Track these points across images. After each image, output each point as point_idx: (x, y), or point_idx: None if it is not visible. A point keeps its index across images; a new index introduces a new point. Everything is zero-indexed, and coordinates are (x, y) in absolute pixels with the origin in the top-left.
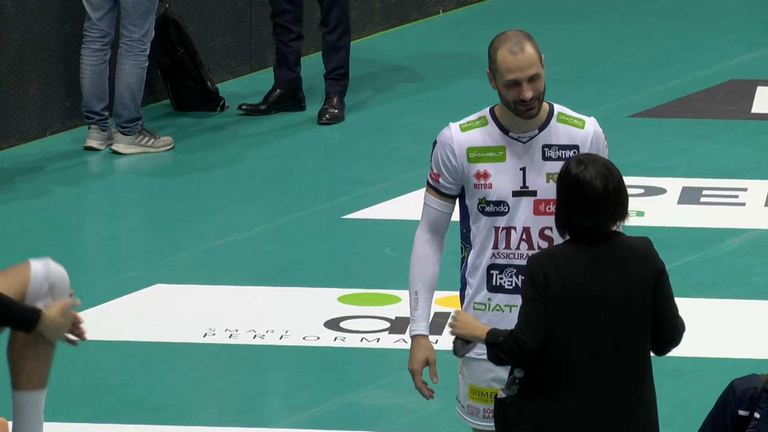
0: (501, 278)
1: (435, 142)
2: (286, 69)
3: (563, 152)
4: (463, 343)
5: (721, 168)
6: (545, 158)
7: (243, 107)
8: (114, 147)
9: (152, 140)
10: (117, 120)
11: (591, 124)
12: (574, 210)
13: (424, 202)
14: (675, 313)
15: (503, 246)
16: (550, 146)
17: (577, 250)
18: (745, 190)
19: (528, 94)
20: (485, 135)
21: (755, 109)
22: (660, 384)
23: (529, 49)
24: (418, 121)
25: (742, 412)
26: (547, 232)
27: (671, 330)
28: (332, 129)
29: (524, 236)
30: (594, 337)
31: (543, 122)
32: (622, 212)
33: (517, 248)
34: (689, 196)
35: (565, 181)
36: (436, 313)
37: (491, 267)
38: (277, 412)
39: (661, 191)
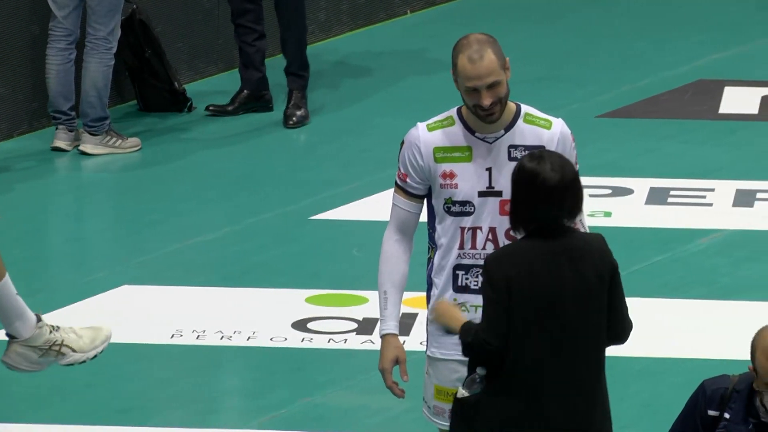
0: (467, 278)
1: (402, 143)
2: (251, 69)
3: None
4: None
5: (688, 168)
6: (511, 158)
7: (210, 108)
8: (81, 147)
9: (120, 141)
10: (84, 119)
11: (558, 124)
12: (533, 204)
13: (393, 203)
14: (626, 310)
15: (469, 246)
16: (516, 147)
17: (534, 247)
18: (712, 190)
19: (486, 101)
20: (452, 135)
21: (723, 109)
22: (626, 384)
23: (490, 56)
24: (387, 122)
25: (712, 413)
26: (512, 232)
27: (620, 326)
28: (300, 130)
29: (490, 236)
30: (554, 333)
31: (509, 123)
32: (578, 205)
33: (483, 248)
34: (657, 197)
35: (521, 176)
36: (403, 314)
37: (457, 267)
38: (244, 413)
39: (628, 192)
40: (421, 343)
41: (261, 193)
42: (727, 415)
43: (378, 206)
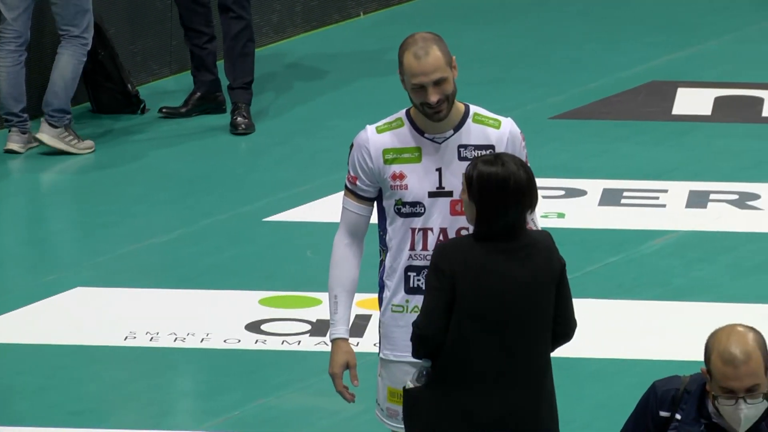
0: (418, 280)
1: (352, 146)
2: (204, 71)
3: (479, 152)
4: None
5: (642, 169)
6: (461, 158)
7: (163, 110)
8: (38, 135)
9: (76, 141)
10: (46, 108)
11: (507, 124)
12: (480, 205)
13: (343, 206)
14: (572, 309)
15: (420, 247)
16: (465, 146)
17: (483, 243)
18: (665, 191)
19: (433, 98)
20: (401, 136)
21: (676, 110)
22: (581, 386)
23: (435, 53)
24: (340, 124)
25: (663, 413)
26: (464, 232)
27: (567, 325)
28: (254, 131)
29: (441, 237)
30: (500, 330)
31: (458, 123)
32: (534, 204)
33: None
34: (610, 198)
35: (473, 177)
36: (356, 316)
37: (408, 269)
38: (197, 415)
39: (581, 193)
40: (374, 345)
41: (214, 194)
42: (678, 416)
43: (332, 208)
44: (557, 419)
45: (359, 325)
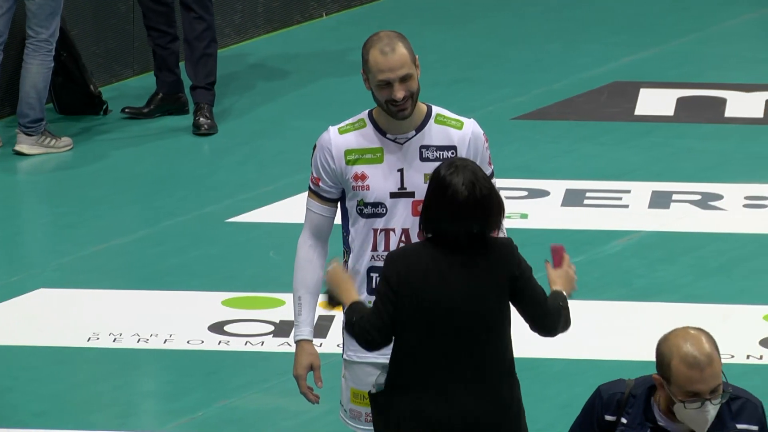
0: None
1: (314, 147)
2: (166, 72)
3: (441, 153)
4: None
5: (604, 170)
6: (423, 159)
7: (126, 111)
8: (17, 147)
9: (54, 141)
10: (22, 120)
11: (469, 125)
12: (438, 213)
13: (306, 207)
14: (548, 305)
15: (382, 248)
16: (427, 147)
17: (432, 251)
18: (628, 192)
19: (399, 94)
20: (363, 137)
21: (638, 111)
22: (545, 386)
23: (401, 50)
24: (302, 125)
25: (609, 417)
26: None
27: (545, 319)
28: (216, 132)
29: (403, 237)
30: (445, 338)
31: (420, 123)
32: (491, 221)
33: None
34: (573, 198)
35: (432, 182)
36: (320, 317)
37: (371, 269)
38: (160, 416)
39: (544, 193)
40: (338, 346)
41: (177, 195)
42: (624, 420)
43: (294, 208)
44: (519, 422)
45: (322, 326)
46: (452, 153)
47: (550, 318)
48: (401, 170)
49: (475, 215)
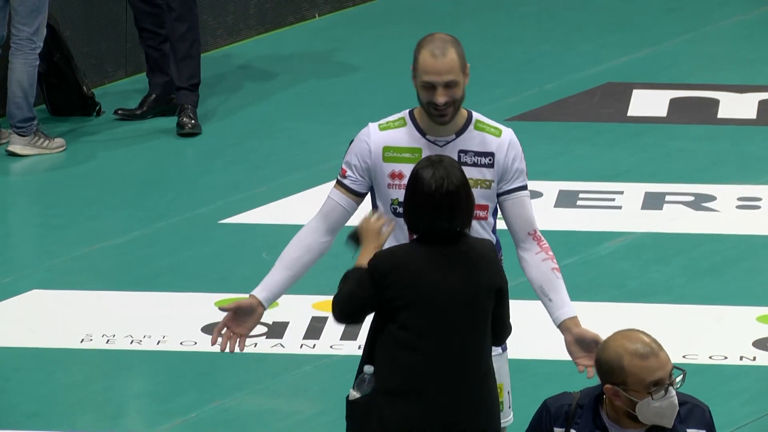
0: None
1: (352, 141)
2: (158, 73)
3: (479, 158)
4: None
5: (597, 171)
6: (461, 163)
7: (119, 112)
8: (10, 148)
9: (47, 142)
10: (11, 120)
11: (508, 134)
12: (410, 207)
13: (328, 196)
14: (508, 319)
15: None
16: (466, 152)
17: (422, 249)
18: (621, 193)
19: (441, 99)
20: (403, 135)
21: (631, 112)
22: (536, 387)
23: (452, 55)
24: (294, 126)
25: (558, 429)
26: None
27: (502, 332)
28: (208, 133)
29: None
30: (439, 337)
31: (460, 128)
32: (460, 217)
33: None
34: (566, 200)
35: (409, 179)
36: (313, 318)
37: None
38: (154, 417)
39: (537, 195)
40: (331, 347)
41: (169, 196)
42: (573, 431)
43: (287, 210)
44: (499, 423)
45: (316, 327)
46: (490, 159)
47: (506, 330)
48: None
49: (440, 211)
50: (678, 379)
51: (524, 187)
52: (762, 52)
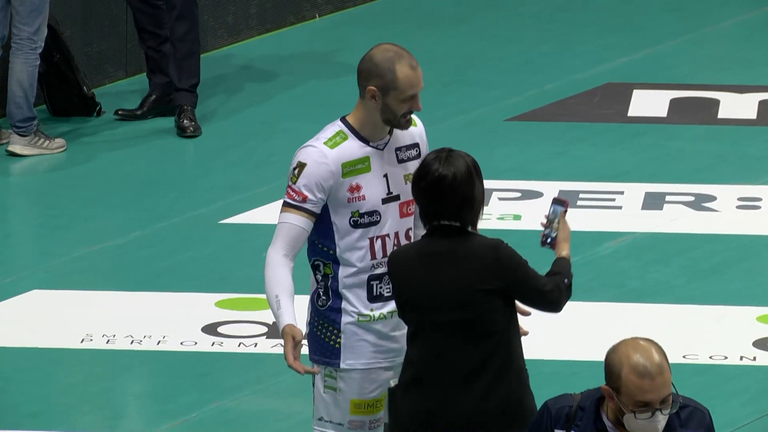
0: (380, 287)
1: (301, 164)
2: (159, 74)
3: (410, 152)
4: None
5: (597, 171)
6: (399, 161)
7: (119, 112)
8: (10, 148)
9: (47, 142)
10: (11, 120)
11: (419, 120)
12: (423, 201)
13: (281, 222)
14: (543, 300)
15: (381, 255)
16: (400, 148)
17: (420, 248)
18: (621, 193)
19: (420, 105)
20: (351, 148)
21: (631, 112)
22: (537, 387)
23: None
24: (295, 126)
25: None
26: (410, 232)
27: (543, 301)
28: (208, 133)
29: (396, 241)
30: (434, 335)
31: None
32: (464, 212)
33: None
34: None
35: (417, 172)
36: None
37: (371, 278)
38: (153, 417)
39: (537, 195)
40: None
41: (170, 197)
42: None
43: None
44: (512, 417)
45: None
46: (416, 150)
47: (552, 302)
48: (386, 175)
49: (425, 200)
50: (666, 412)
51: None
52: (762, 53)
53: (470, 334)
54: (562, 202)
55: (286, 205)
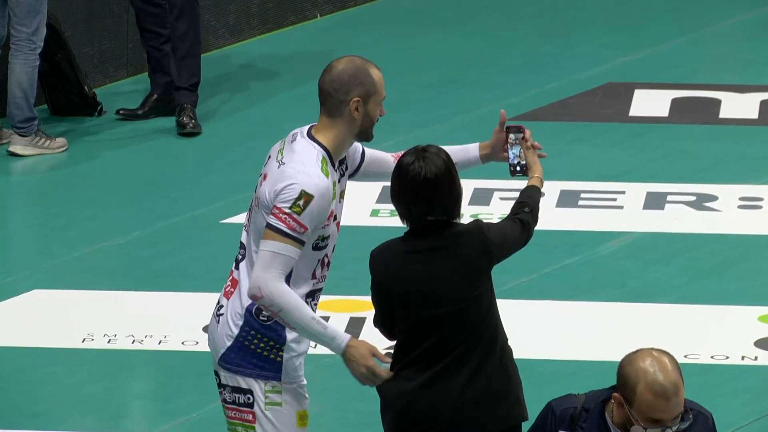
0: (314, 304)
1: (308, 195)
2: (160, 73)
3: (343, 166)
4: None
5: (599, 171)
6: (342, 176)
7: (120, 112)
8: (11, 148)
9: (48, 141)
10: (11, 121)
11: None
12: (395, 196)
13: (279, 252)
14: (512, 233)
15: (320, 273)
16: (342, 162)
17: (408, 242)
18: (623, 192)
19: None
20: (332, 174)
21: (633, 112)
22: (538, 387)
23: None
24: (295, 126)
25: None
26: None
27: (519, 240)
28: (209, 133)
29: (329, 259)
30: (419, 326)
31: None
32: (442, 206)
33: (324, 273)
34: (567, 199)
35: (396, 170)
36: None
37: (309, 295)
38: (154, 417)
39: None
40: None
41: (170, 196)
42: None
43: None
44: (510, 404)
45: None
46: (345, 165)
47: (526, 241)
48: (341, 193)
49: (420, 199)
50: (675, 428)
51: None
52: (763, 53)
53: (463, 322)
54: (518, 129)
55: (284, 235)
